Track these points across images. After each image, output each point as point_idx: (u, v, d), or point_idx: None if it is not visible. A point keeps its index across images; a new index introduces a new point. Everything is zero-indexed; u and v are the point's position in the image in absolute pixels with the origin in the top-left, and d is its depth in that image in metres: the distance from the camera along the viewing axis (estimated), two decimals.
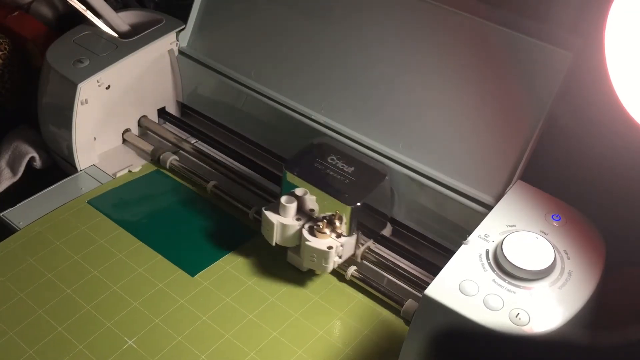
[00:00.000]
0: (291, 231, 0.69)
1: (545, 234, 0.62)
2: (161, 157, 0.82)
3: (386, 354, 0.65)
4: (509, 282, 0.58)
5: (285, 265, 0.72)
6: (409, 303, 0.67)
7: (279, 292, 0.69)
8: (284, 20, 0.80)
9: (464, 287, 0.58)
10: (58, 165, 0.86)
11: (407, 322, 0.61)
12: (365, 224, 0.71)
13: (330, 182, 0.69)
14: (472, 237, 0.62)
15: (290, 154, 0.75)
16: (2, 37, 0.90)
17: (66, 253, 0.71)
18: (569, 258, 0.60)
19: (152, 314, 0.66)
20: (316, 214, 0.69)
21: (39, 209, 0.77)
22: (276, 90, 0.80)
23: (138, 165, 0.83)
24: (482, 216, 0.64)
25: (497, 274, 0.59)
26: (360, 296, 0.70)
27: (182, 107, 0.91)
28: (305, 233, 0.68)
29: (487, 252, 0.61)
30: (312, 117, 0.77)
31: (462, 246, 0.61)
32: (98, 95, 0.81)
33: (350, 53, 0.76)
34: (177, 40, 0.86)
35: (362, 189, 0.69)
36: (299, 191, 0.69)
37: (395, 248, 0.73)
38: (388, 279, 0.71)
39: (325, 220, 0.68)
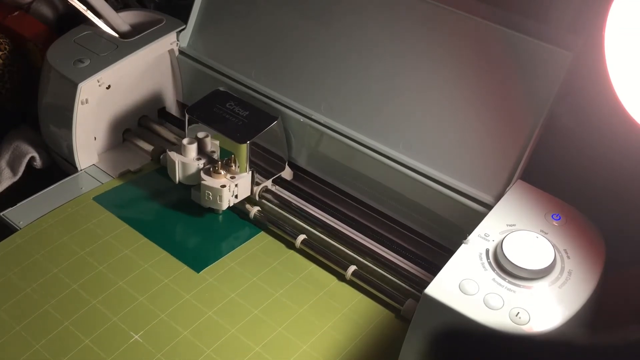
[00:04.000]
0: (191, 170, 0.76)
1: (545, 233, 0.62)
2: (161, 156, 0.82)
3: (386, 353, 0.65)
4: (509, 281, 0.58)
5: (290, 261, 0.73)
6: (409, 303, 0.68)
7: (283, 288, 0.70)
8: (284, 20, 0.80)
9: (464, 286, 0.58)
10: (58, 165, 0.86)
11: (407, 322, 0.61)
12: (261, 164, 0.77)
13: (225, 123, 0.76)
14: (472, 237, 0.62)
15: (292, 153, 0.80)
16: (2, 37, 0.90)
17: (71, 249, 0.72)
18: (568, 257, 0.61)
19: (158, 309, 0.67)
20: (216, 156, 0.77)
21: (39, 208, 0.77)
22: (276, 90, 0.80)
23: (138, 165, 0.83)
24: (482, 216, 0.65)
25: (497, 273, 0.59)
26: (360, 296, 0.70)
27: (182, 107, 0.91)
28: (202, 173, 0.75)
29: (487, 251, 0.61)
30: (312, 117, 0.77)
31: (462, 245, 0.61)
32: (98, 95, 0.81)
33: (351, 53, 0.76)
34: (178, 40, 0.86)
35: (253, 129, 0.75)
36: (200, 134, 0.77)
37: (396, 248, 0.73)
38: (388, 278, 0.71)
39: (221, 162, 0.75)
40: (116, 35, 0.85)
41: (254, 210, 0.77)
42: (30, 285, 0.68)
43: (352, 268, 0.71)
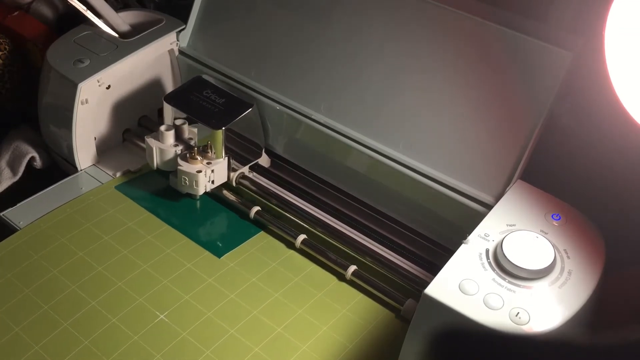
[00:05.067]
0: (168, 156, 0.78)
1: (545, 233, 0.62)
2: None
3: (386, 353, 0.65)
4: (509, 282, 0.58)
5: (290, 261, 0.73)
6: (409, 303, 0.68)
7: (283, 288, 0.70)
8: (284, 20, 0.80)
9: (464, 286, 0.58)
10: (58, 165, 0.86)
11: (407, 322, 0.61)
12: (237, 150, 0.79)
13: (201, 110, 0.77)
14: (472, 237, 0.62)
15: (293, 153, 0.81)
16: (2, 37, 0.90)
17: (69, 249, 0.72)
18: (568, 257, 0.61)
19: (157, 309, 0.67)
20: (194, 143, 0.78)
21: (39, 208, 0.77)
22: (276, 90, 0.80)
23: (138, 165, 0.83)
24: (482, 216, 0.65)
25: (497, 273, 0.59)
26: (360, 296, 0.70)
27: None
28: (179, 159, 0.77)
29: (487, 251, 0.61)
30: (312, 117, 0.77)
31: (462, 245, 0.61)
32: (98, 95, 0.81)
33: (351, 53, 0.76)
34: (177, 40, 0.86)
35: (229, 116, 0.77)
36: (178, 121, 0.79)
37: (395, 247, 0.73)
38: (388, 278, 0.71)
39: (197, 148, 0.77)
40: (116, 35, 0.85)
41: (253, 210, 0.77)
42: (30, 287, 0.68)
43: (352, 268, 0.71)
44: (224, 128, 0.76)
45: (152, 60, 0.85)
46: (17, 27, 0.92)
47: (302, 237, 0.74)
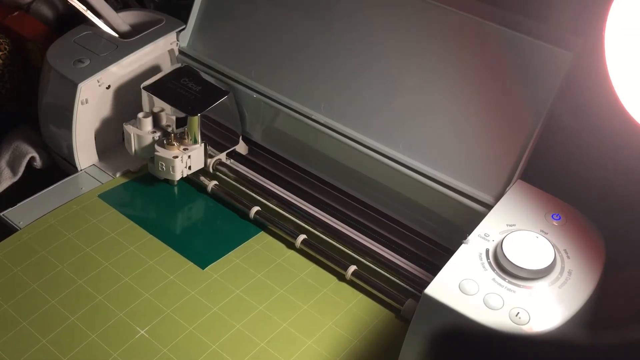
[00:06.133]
0: (146, 142, 0.79)
1: (545, 233, 0.62)
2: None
3: (386, 353, 0.65)
4: (509, 282, 0.58)
5: (294, 258, 0.73)
6: (409, 303, 0.68)
7: (288, 284, 0.70)
8: (284, 20, 0.80)
9: (464, 286, 0.58)
10: (58, 165, 0.86)
11: (407, 322, 0.61)
12: (215, 138, 0.80)
13: (178, 98, 0.78)
14: (472, 237, 0.62)
15: (292, 152, 0.81)
16: (2, 37, 0.90)
17: (76, 245, 0.72)
18: (568, 257, 0.61)
19: (164, 304, 0.67)
20: (172, 130, 0.78)
21: (39, 208, 0.77)
22: (276, 90, 0.80)
23: (138, 164, 0.83)
24: (482, 215, 0.65)
25: (497, 273, 0.59)
26: (360, 296, 0.70)
27: None
28: (156, 145, 0.78)
29: (487, 251, 0.61)
30: (312, 117, 0.77)
31: (462, 245, 0.61)
32: (98, 95, 0.81)
33: (351, 53, 0.76)
34: (178, 40, 0.86)
35: (205, 103, 0.78)
36: (155, 108, 0.79)
37: (396, 247, 0.73)
38: (388, 278, 0.71)
39: (174, 135, 0.78)
40: (116, 35, 0.85)
41: (253, 210, 0.77)
42: (36, 281, 0.68)
43: (352, 268, 0.71)
44: (199, 114, 0.76)
45: (152, 60, 0.85)
46: (17, 27, 0.92)
47: (302, 237, 0.74)
